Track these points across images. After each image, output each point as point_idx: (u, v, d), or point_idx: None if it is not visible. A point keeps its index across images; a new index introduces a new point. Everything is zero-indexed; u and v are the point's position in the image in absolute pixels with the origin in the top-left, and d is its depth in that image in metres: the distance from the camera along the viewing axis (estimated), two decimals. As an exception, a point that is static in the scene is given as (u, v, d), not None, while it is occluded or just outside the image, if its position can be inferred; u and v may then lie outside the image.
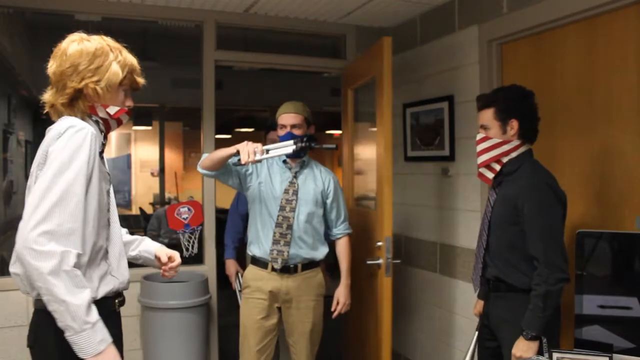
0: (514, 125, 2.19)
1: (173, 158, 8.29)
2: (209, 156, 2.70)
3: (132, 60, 1.71)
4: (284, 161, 2.86)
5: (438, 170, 3.49)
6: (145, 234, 6.00)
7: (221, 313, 3.68)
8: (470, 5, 3.19)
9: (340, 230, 2.97)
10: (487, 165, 2.26)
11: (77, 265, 1.47)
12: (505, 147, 2.20)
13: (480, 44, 3.11)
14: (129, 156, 8.04)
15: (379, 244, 3.02)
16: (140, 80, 1.75)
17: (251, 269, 2.87)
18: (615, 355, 1.85)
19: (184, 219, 3.58)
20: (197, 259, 3.61)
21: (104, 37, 1.68)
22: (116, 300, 1.70)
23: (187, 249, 3.55)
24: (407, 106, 3.78)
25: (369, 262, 3.06)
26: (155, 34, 4.67)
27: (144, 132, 8.01)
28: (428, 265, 3.58)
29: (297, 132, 2.80)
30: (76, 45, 1.62)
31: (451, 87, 3.36)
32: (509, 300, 2.19)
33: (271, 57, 3.93)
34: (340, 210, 2.96)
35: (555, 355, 1.89)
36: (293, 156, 2.81)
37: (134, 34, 4.51)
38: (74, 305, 1.42)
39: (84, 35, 1.67)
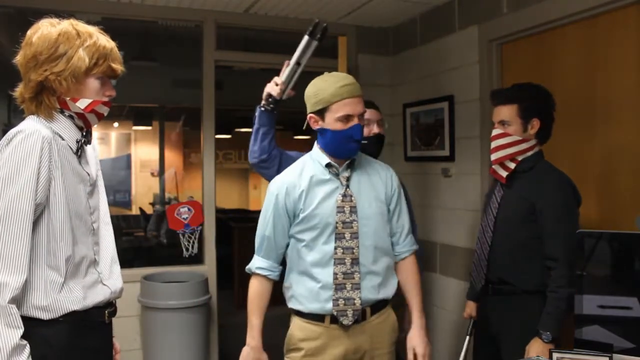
0: (534, 124, 2.14)
1: (173, 158, 8.29)
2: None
3: (105, 44, 1.49)
4: (328, 165, 2.00)
5: (438, 170, 3.49)
6: (145, 234, 6.01)
7: (221, 313, 3.68)
8: (470, 5, 3.19)
9: (405, 246, 2.11)
10: (501, 162, 2.19)
11: (15, 298, 1.32)
12: (524, 146, 2.15)
13: (480, 44, 3.11)
14: (128, 156, 8.04)
15: None
16: (118, 67, 1.52)
17: (299, 324, 2.02)
18: (615, 355, 1.84)
19: (184, 219, 3.57)
20: (197, 259, 3.61)
21: (75, 22, 1.50)
22: (106, 311, 1.57)
23: (187, 249, 3.55)
24: (407, 106, 3.78)
25: None
26: (155, 34, 4.67)
27: (144, 132, 8.00)
28: (428, 265, 3.58)
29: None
30: (40, 32, 1.45)
31: (451, 87, 3.36)
32: (511, 303, 2.14)
33: (271, 57, 3.92)
34: (405, 219, 2.11)
35: (555, 355, 1.89)
36: (350, 151, 1.97)
37: (134, 34, 4.51)
38: None
39: (53, 20, 1.48)
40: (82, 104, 1.48)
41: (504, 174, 2.19)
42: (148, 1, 3.39)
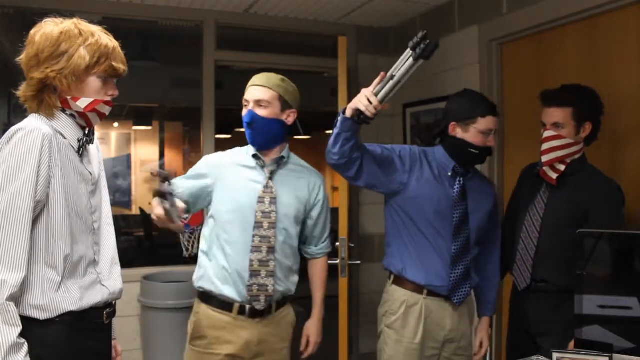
0: (587, 128, 2.13)
1: (173, 158, 8.29)
2: None
3: (107, 43, 1.49)
4: (254, 155, 2.15)
5: (438, 170, 3.49)
6: (145, 234, 6.00)
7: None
8: (470, 5, 3.19)
9: (322, 248, 2.33)
10: (550, 164, 2.17)
11: (13, 296, 1.31)
12: (574, 149, 2.14)
13: (480, 44, 3.11)
14: (128, 156, 8.04)
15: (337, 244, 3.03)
16: (120, 66, 1.51)
17: (206, 312, 2.11)
18: (615, 355, 1.84)
19: (184, 219, 3.57)
20: (197, 259, 3.60)
21: (78, 21, 1.49)
22: (105, 312, 1.55)
23: (187, 249, 3.54)
24: (407, 106, 3.78)
25: (328, 262, 3.08)
26: (155, 34, 4.67)
27: (144, 132, 8.01)
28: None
29: (261, 112, 2.09)
30: (43, 31, 1.45)
31: (451, 87, 3.36)
32: (555, 302, 2.15)
33: (271, 57, 3.93)
34: (327, 224, 2.33)
35: (555, 355, 1.89)
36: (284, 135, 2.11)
37: (134, 34, 4.51)
38: None
39: (56, 20, 1.48)
40: (82, 103, 1.47)
41: (554, 175, 2.18)
42: (148, 1, 3.39)
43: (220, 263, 2.09)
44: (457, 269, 2.15)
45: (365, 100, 1.88)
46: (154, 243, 5.81)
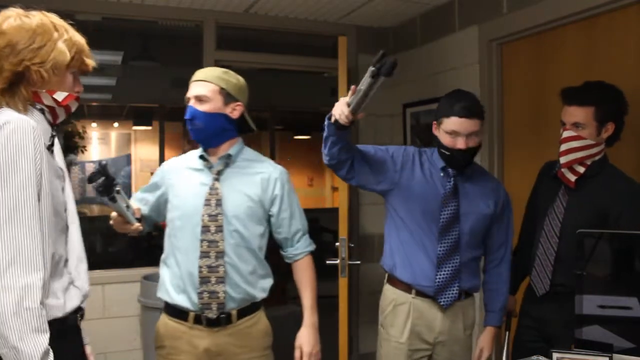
0: (609, 128, 2.03)
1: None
2: None
3: (79, 39, 1.48)
4: (201, 156, 2.06)
5: (438, 170, 3.49)
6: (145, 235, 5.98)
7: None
8: (470, 5, 3.19)
9: (299, 248, 2.13)
10: (569, 166, 2.08)
11: (42, 299, 1.25)
12: (595, 150, 2.04)
13: (480, 44, 3.11)
14: (128, 156, 8.04)
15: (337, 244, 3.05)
16: (90, 62, 1.50)
17: (164, 321, 2.05)
18: (615, 355, 1.84)
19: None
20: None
21: (47, 14, 1.45)
22: (78, 315, 1.50)
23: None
24: (407, 106, 3.78)
25: (328, 262, 3.08)
26: (155, 34, 4.67)
27: (144, 132, 8.01)
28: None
29: (202, 107, 1.98)
30: (13, 21, 1.38)
31: (451, 87, 3.33)
32: (569, 302, 2.04)
33: (271, 57, 3.93)
34: (298, 220, 2.12)
35: (555, 355, 1.89)
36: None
37: (134, 34, 4.52)
38: (25, 354, 1.20)
39: (20, 10, 1.43)
40: (59, 96, 1.44)
41: (573, 178, 2.09)
42: (148, 1, 3.39)
43: (174, 271, 2.01)
44: (443, 270, 2.11)
45: (339, 109, 1.89)
46: (154, 243, 5.80)
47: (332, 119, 1.95)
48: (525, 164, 2.91)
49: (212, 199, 1.98)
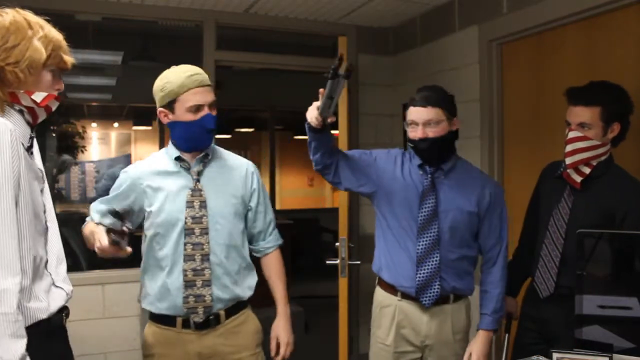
0: (615, 128, 2.01)
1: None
2: None
3: (56, 35, 1.42)
4: (177, 158, 2.01)
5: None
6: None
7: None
8: (470, 5, 3.19)
9: (270, 242, 2.15)
10: (575, 167, 2.06)
11: (18, 304, 1.22)
12: (601, 150, 2.03)
13: (480, 44, 3.11)
14: (128, 156, 8.04)
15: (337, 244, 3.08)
16: (69, 59, 1.45)
17: (152, 329, 2.03)
18: (615, 355, 1.84)
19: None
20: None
21: (21, 11, 1.40)
22: (63, 314, 1.48)
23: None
24: (407, 106, 3.77)
25: (328, 262, 3.09)
26: (155, 34, 4.67)
27: (144, 132, 8.01)
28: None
29: (214, 113, 1.98)
30: None
31: (451, 87, 3.34)
32: (570, 303, 2.04)
33: (271, 57, 3.93)
34: (270, 212, 2.15)
35: (555, 355, 1.89)
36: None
37: (134, 34, 4.51)
38: None
39: None
40: (37, 97, 1.39)
41: (578, 179, 2.07)
42: (148, 1, 3.39)
43: (156, 279, 1.98)
44: (423, 268, 2.08)
45: (310, 112, 1.93)
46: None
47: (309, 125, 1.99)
48: (525, 163, 2.91)
49: (195, 201, 1.96)
